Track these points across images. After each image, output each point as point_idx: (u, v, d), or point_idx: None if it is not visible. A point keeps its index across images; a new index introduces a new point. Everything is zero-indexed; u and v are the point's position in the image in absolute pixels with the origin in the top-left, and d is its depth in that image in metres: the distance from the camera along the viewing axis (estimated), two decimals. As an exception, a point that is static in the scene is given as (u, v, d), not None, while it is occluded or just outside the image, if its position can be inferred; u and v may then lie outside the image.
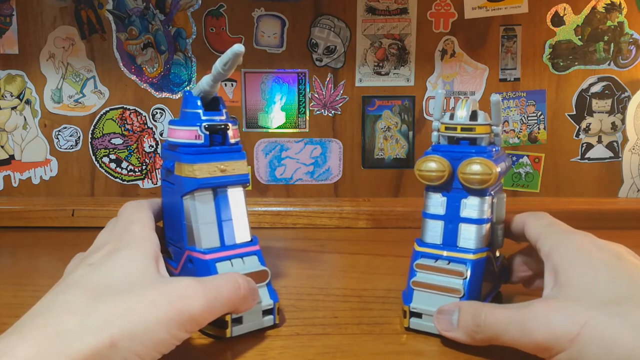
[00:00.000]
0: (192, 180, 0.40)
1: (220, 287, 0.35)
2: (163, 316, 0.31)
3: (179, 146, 0.41)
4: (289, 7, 0.73)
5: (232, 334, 0.39)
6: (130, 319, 0.31)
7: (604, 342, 0.30)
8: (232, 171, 0.42)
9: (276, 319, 0.42)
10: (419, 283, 0.41)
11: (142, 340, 0.31)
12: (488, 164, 0.40)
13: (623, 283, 0.33)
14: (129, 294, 0.32)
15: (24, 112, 0.74)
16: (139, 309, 0.31)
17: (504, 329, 0.34)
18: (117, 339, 0.30)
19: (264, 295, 0.41)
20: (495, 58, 0.74)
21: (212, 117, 0.41)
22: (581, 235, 0.37)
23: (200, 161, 0.40)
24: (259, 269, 0.41)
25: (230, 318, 0.39)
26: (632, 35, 0.73)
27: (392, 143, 0.76)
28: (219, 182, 0.41)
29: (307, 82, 0.74)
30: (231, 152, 0.42)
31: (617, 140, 0.76)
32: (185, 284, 0.34)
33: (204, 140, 0.41)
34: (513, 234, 0.44)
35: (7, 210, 0.71)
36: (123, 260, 0.35)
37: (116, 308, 0.31)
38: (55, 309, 0.31)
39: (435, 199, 0.42)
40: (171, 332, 0.32)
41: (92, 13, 0.72)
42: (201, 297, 0.34)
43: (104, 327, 0.30)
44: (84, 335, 0.29)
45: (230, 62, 0.39)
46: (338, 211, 0.73)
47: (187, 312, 0.33)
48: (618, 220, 0.72)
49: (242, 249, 0.42)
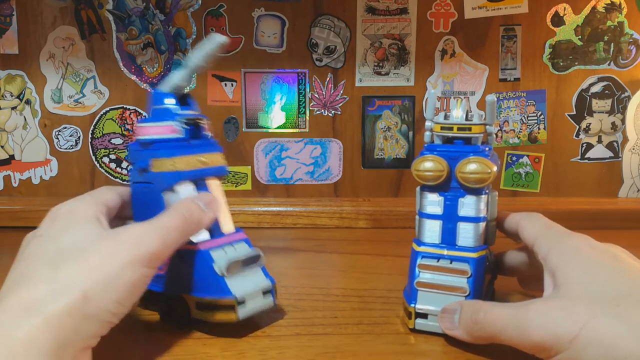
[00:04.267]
0: (174, 173, 0.40)
1: (172, 222, 0.37)
2: (126, 260, 0.33)
3: (154, 143, 0.41)
4: (289, 7, 0.73)
5: (239, 317, 0.39)
6: (95, 271, 0.32)
7: (603, 342, 0.30)
8: (211, 163, 0.42)
9: (275, 299, 0.42)
10: (423, 283, 0.41)
11: (113, 286, 0.32)
12: (486, 163, 0.40)
13: (621, 283, 0.33)
14: (86, 252, 0.33)
15: (24, 112, 0.74)
16: (101, 261, 0.33)
17: (503, 327, 0.34)
18: (88, 292, 0.31)
19: (261, 277, 0.42)
20: (495, 58, 0.74)
21: (186, 111, 0.41)
22: (577, 237, 0.37)
23: (181, 154, 0.40)
24: (252, 253, 0.42)
25: (236, 302, 0.39)
26: (632, 35, 0.73)
27: (392, 143, 0.76)
28: (200, 174, 0.42)
29: (307, 82, 0.74)
30: (209, 145, 0.43)
31: (617, 140, 0.76)
32: (136, 228, 0.35)
33: (184, 134, 0.41)
34: (507, 232, 0.44)
35: (7, 210, 0.71)
36: (67, 226, 0.36)
37: (79, 267, 0.32)
38: (20, 284, 0.32)
39: (432, 199, 0.42)
40: (138, 271, 0.33)
41: (92, 13, 0.72)
42: (154, 235, 0.35)
43: (73, 286, 0.31)
44: (56, 298, 0.30)
45: (212, 54, 0.39)
46: (338, 211, 0.73)
47: (146, 252, 0.34)
48: (618, 220, 0.72)
49: (230, 238, 0.42)
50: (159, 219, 0.37)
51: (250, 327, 0.42)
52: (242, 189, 0.76)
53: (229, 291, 0.39)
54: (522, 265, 0.44)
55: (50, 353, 0.29)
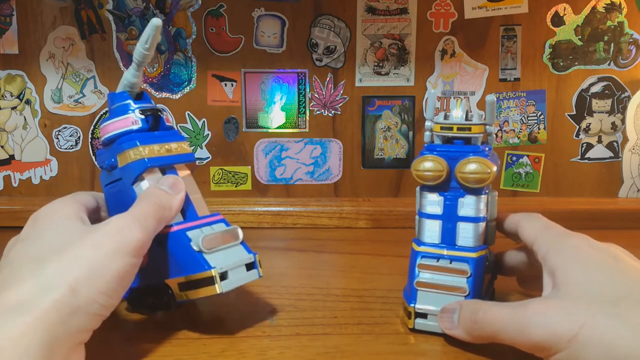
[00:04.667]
0: (140, 161, 0.40)
1: (145, 209, 0.37)
2: (110, 250, 0.33)
3: (117, 138, 0.41)
4: (289, 7, 0.73)
5: (222, 290, 0.38)
6: (81, 263, 0.32)
7: (602, 342, 0.30)
8: (176, 150, 0.42)
9: (260, 271, 0.42)
10: (423, 283, 0.41)
11: (99, 277, 0.32)
12: (486, 163, 0.40)
13: (620, 283, 0.33)
14: (69, 246, 0.33)
15: (24, 112, 0.74)
16: (85, 253, 0.33)
17: (502, 326, 0.34)
18: (75, 285, 0.31)
19: (241, 251, 0.42)
20: (495, 58, 0.74)
21: (141, 104, 0.42)
22: (577, 237, 0.37)
23: (144, 143, 0.41)
24: (229, 228, 0.42)
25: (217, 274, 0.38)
26: (632, 35, 0.73)
27: (392, 143, 0.76)
28: (167, 161, 0.42)
29: (307, 82, 0.74)
30: (171, 135, 0.43)
31: (617, 140, 0.76)
32: (115, 220, 0.35)
33: (141, 124, 0.41)
34: (507, 233, 0.44)
35: (7, 210, 0.71)
36: (49, 226, 0.36)
37: (64, 261, 0.32)
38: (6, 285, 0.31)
39: (432, 199, 0.42)
40: (124, 260, 0.34)
41: (92, 13, 0.72)
42: (134, 225, 0.35)
43: (59, 280, 0.31)
44: (43, 294, 0.30)
45: (151, 39, 0.39)
46: (338, 211, 0.73)
47: (129, 241, 0.34)
48: (618, 220, 0.72)
49: (206, 219, 0.42)
50: (132, 209, 0.37)
51: (250, 327, 0.42)
52: (242, 189, 0.76)
53: (208, 265, 0.38)
54: (521, 265, 0.44)
55: (41, 350, 0.28)
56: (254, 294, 0.49)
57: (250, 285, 0.51)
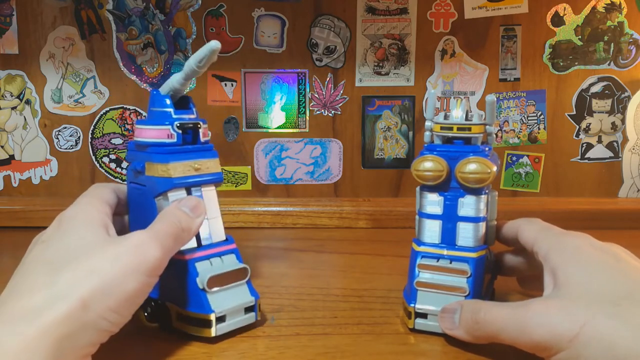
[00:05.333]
0: (166, 180, 0.39)
1: (166, 229, 0.36)
2: (127, 267, 0.32)
3: (150, 146, 0.41)
4: (289, 7, 0.73)
5: (216, 333, 0.39)
6: (96, 277, 0.31)
7: (603, 342, 0.30)
8: (206, 170, 0.41)
9: (257, 315, 0.42)
10: (423, 283, 0.41)
11: (112, 294, 0.31)
12: (486, 163, 0.40)
13: (621, 283, 0.33)
14: (87, 257, 0.32)
15: (24, 112, 0.74)
16: (102, 266, 0.32)
17: (503, 326, 0.34)
18: (87, 299, 0.30)
19: (245, 292, 0.41)
20: (495, 58, 0.74)
21: (182, 115, 0.41)
22: (577, 237, 0.37)
23: (174, 160, 0.40)
24: (238, 267, 0.41)
25: (215, 317, 0.38)
26: (632, 35, 0.73)
27: (392, 143, 0.76)
28: (194, 182, 0.41)
29: (307, 82, 0.74)
30: (204, 150, 0.42)
31: (617, 140, 0.76)
32: (137, 236, 0.35)
33: (176, 139, 0.40)
34: (506, 239, 0.44)
35: (7, 210, 0.71)
36: (72, 230, 0.35)
37: (79, 272, 0.31)
38: (19, 290, 0.31)
39: (432, 199, 0.42)
40: (139, 279, 0.33)
41: (92, 13, 0.72)
42: (154, 243, 0.34)
43: (72, 292, 0.30)
44: (54, 304, 0.30)
45: (205, 59, 0.39)
46: (338, 211, 0.73)
47: (148, 259, 0.34)
48: (618, 220, 0.72)
49: (219, 248, 0.42)
50: (154, 226, 0.36)
51: (250, 327, 0.42)
52: (242, 189, 0.76)
53: (208, 307, 0.39)
54: (522, 265, 0.44)
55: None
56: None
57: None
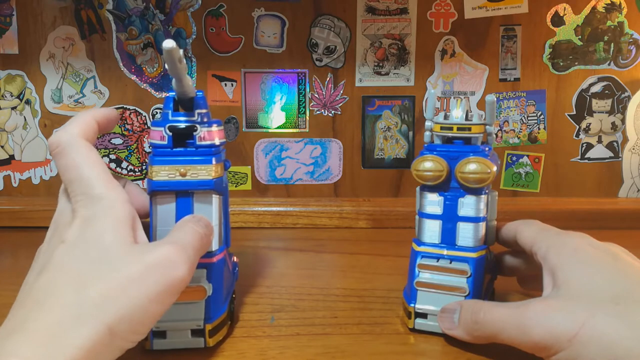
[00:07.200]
0: (150, 182, 0.39)
1: (192, 243, 0.35)
2: (154, 290, 0.31)
3: (153, 147, 0.40)
4: (289, 7, 0.73)
5: (152, 347, 0.38)
6: (122, 302, 0.30)
7: (602, 341, 0.30)
8: (192, 176, 0.39)
9: (207, 342, 0.39)
10: (423, 283, 0.41)
11: (138, 320, 0.31)
12: (486, 162, 0.40)
13: (621, 282, 0.33)
14: (112, 275, 0.31)
15: (24, 112, 0.74)
16: (129, 289, 0.31)
17: (502, 326, 0.34)
18: (113, 326, 0.30)
19: (198, 313, 0.39)
20: (495, 58, 0.74)
21: (178, 117, 0.39)
22: (576, 236, 0.37)
23: (160, 163, 0.39)
24: (192, 285, 0.38)
25: (152, 330, 0.37)
26: (632, 35, 0.73)
27: (392, 143, 0.76)
28: (178, 186, 0.39)
29: (307, 82, 0.74)
30: (196, 155, 0.39)
31: (617, 140, 0.76)
32: (165, 250, 0.33)
33: (167, 141, 0.39)
34: (505, 241, 0.44)
35: (7, 210, 0.71)
36: (96, 234, 0.33)
37: (105, 292, 0.30)
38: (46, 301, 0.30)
39: (432, 199, 0.42)
40: (164, 302, 0.32)
41: (92, 13, 0.72)
42: (183, 258, 0.33)
43: (98, 316, 0.29)
44: (80, 327, 0.29)
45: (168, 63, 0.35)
46: (338, 211, 0.73)
47: (176, 278, 0.32)
48: (618, 220, 0.72)
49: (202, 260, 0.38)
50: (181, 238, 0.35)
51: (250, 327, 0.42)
52: (242, 189, 0.76)
53: None
54: (521, 265, 0.44)
55: None
56: (254, 294, 0.49)
57: (251, 285, 0.51)
